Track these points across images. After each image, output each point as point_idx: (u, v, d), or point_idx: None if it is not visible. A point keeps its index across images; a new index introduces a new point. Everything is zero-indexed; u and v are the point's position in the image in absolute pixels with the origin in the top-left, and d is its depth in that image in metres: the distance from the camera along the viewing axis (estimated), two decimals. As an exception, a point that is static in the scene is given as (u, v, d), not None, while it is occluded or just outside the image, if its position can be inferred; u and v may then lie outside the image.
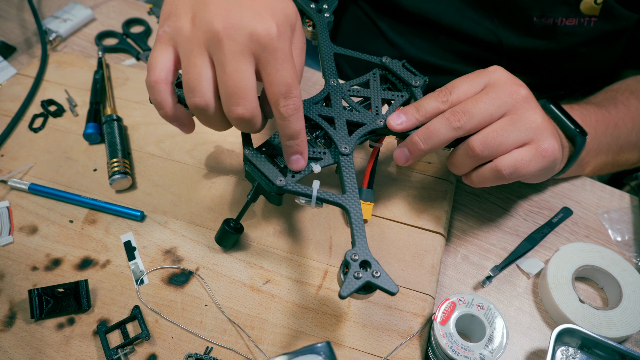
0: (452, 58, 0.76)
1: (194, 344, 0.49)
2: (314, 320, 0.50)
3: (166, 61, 0.44)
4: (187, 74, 0.42)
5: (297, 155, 0.46)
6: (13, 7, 0.83)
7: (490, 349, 0.46)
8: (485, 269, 0.57)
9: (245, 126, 0.44)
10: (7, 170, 0.60)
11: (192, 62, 0.42)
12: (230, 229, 0.52)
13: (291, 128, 0.44)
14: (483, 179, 0.50)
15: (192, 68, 0.42)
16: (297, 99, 0.43)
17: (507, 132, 0.48)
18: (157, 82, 0.43)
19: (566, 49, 0.70)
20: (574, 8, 0.66)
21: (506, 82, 0.49)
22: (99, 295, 0.51)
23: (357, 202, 0.46)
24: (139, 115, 0.66)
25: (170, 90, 0.44)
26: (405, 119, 0.50)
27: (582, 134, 0.54)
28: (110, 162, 0.59)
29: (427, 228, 0.57)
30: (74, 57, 0.73)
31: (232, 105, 0.42)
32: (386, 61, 0.55)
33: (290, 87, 0.42)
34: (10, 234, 0.55)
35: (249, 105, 0.42)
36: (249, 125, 0.43)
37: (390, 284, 0.42)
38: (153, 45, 0.45)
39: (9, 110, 0.66)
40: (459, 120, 0.48)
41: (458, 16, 0.71)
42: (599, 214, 0.62)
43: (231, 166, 0.61)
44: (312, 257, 0.54)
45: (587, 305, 0.52)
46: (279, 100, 0.42)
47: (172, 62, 0.44)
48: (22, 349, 0.48)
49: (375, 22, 0.79)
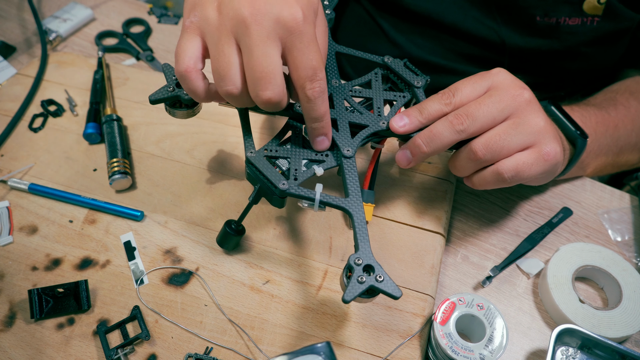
0: (454, 57, 0.76)
1: (194, 344, 0.49)
2: (314, 321, 0.50)
3: (195, 50, 0.44)
4: (217, 62, 0.43)
5: (322, 136, 0.48)
6: (13, 7, 0.83)
7: (490, 349, 0.46)
8: (485, 269, 0.57)
9: (272, 108, 0.44)
10: (7, 170, 0.60)
11: (220, 50, 0.43)
12: (231, 230, 0.52)
13: (317, 110, 0.45)
14: (484, 182, 0.50)
15: (221, 56, 0.43)
16: (322, 82, 0.44)
17: (509, 136, 0.48)
18: (188, 70, 0.44)
19: (569, 48, 0.70)
20: (577, 7, 0.66)
21: (509, 85, 0.49)
22: (99, 295, 0.51)
23: (360, 206, 0.46)
24: (139, 115, 0.66)
25: (201, 77, 0.45)
26: (408, 122, 0.50)
27: (582, 136, 0.54)
28: (110, 162, 0.59)
29: (427, 228, 0.57)
30: (74, 57, 0.73)
31: (260, 90, 0.42)
32: (388, 61, 0.55)
33: (316, 70, 0.43)
34: (10, 234, 0.55)
35: (276, 88, 0.42)
36: (275, 107, 0.44)
37: (394, 288, 0.42)
38: (180, 36, 0.45)
39: (9, 110, 0.66)
40: (462, 124, 0.48)
41: (461, 15, 0.71)
42: (599, 214, 0.62)
43: (231, 166, 0.61)
44: (312, 258, 0.54)
45: (587, 306, 0.52)
46: (305, 84, 0.43)
47: (200, 50, 0.44)
48: (22, 349, 0.48)
49: (376, 20, 0.79)
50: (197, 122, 0.65)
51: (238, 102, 0.45)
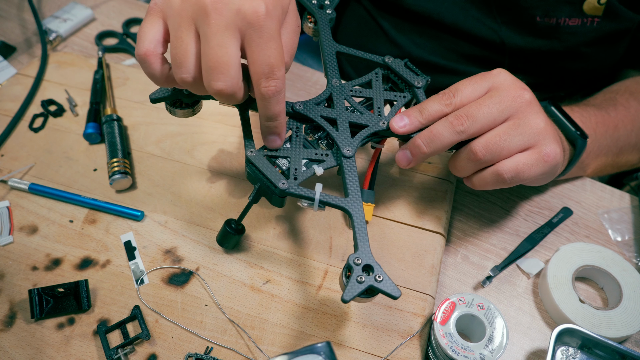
0: (454, 57, 0.76)
1: (194, 344, 0.49)
2: (314, 320, 0.50)
3: (156, 33, 0.43)
4: (175, 48, 0.42)
5: (275, 136, 0.47)
6: (13, 7, 0.83)
7: (490, 349, 0.46)
8: (486, 269, 0.57)
9: (225, 100, 0.43)
10: (7, 170, 0.60)
11: (179, 37, 0.42)
12: (231, 230, 0.52)
13: (271, 110, 0.44)
14: (484, 183, 0.50)
15: (179, 42, 0.42)
16: (279, 81, 0.42)
17: (509, 137, 0.48)
18: (147, 54, 0.43)
19: (569, 49, 0.70)
20: (577, 8, 0.66)
21: (510, 86, 0.49)
22: (99, 295, 0.51)
23: (360, 206, 0.46)
24: (139, 115, 0.66)
25: (160, 61, 0.44)
26: (409, 122, 0.49)
27: (582, 136, 0.54)
28: (110, 162, 0.59)
29: (428, 228, 0.57)
30: (74, 57, 0.73)
31: (212, 80, 0.41)
32: (389, 61, 0.54)
33: (273, 68, 0.41)
34: (10, 234, 0.55)
35: (229, 80, 0.41)
36: (229, 99, 0.43)
37: (393, 288, 0.42)
38: (144, 18, 0.44)
39: (9, 110, 0.66)
40: (463, 125, 0.47)
41: (461, 15, 0.71)
42: (599, 214, 0.62)
43: (231, 166, 0.61)
44: (312, 257, 0.54)
45: (587, 305, 0.52)
46: (261, 80, 0.42)
47: (161, 34, 0.44)
48: (22, 349, 0.48)
49: (377, 20, 0.79)
50: (197, 122, 0.65)
51: (194, 90, 0.44)
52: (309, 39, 1.06)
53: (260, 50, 0.41)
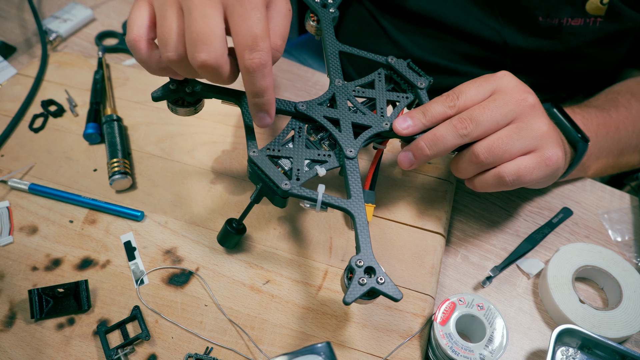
0: (456, 58, 0.76)
1: (194, 344, 0.49)
2: (314, 321, 0.50)
3: (143, 18, 0.43)
4: (160, 28, 0.42)
5: (263, 113, 0.44)
6: (13, 7, 0.83)
7: (490, 349, 0.46)
8: (486, 270, 0.57)
9: (210, 75, 0.42)
10: (7, 170, 0.60)
11: (163, 16, 0.41)
12: (232, 229, 0.52)
13: (256, 85, 0.42)
14: (485, 185, 0.50)
15: (163, 21, 0.41)
16: (263, 53, 0.40)
17: (512, 140, 0.48)
18: (136, 39, 0.43)
19: (571, 49, 0.70)
20: (579, 8, 0.66)
21: (514, 90, 0.49)
22: (99, 296, 0.51)
23: (362, 207, 0.46)
24: (139, 115, 0.66)
25: (150, 47, 0.43)
26: (412, 123, 0.49)
27: (584, 140, 0.54)
28: (110, 162, 0.59)
29: (428, 228, 0.57)
30: (74, 57, 0.73)
31: (195, 52, 0.39)
32: (392, 61, 0.54)
33: (257, 39, 0.40)
34: (10, 234, 0.55)
35: (212, 52, 0.39)
36: (214, 74, 0.41)
37: (395, 290, 0.41)
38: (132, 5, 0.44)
39: (9, 110, 0.66)
40: (466, 128, 0.47)
41: (463, 16, 0.71)
42: (599, 214, 0.62)
43: (231, 166, 0.61)
44: (313, 258, 0.54)
45: (587, 306, 0.52)
46: (244, 52, 0.40)
47: (149, 18, 0.43)
48: (22, 349, 0.48)
49: (379, 21, 0.79)
50: (197, 122, 0.65)
51: (182, 71, 0.43)
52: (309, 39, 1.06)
53: (243, 21, 0.40)
